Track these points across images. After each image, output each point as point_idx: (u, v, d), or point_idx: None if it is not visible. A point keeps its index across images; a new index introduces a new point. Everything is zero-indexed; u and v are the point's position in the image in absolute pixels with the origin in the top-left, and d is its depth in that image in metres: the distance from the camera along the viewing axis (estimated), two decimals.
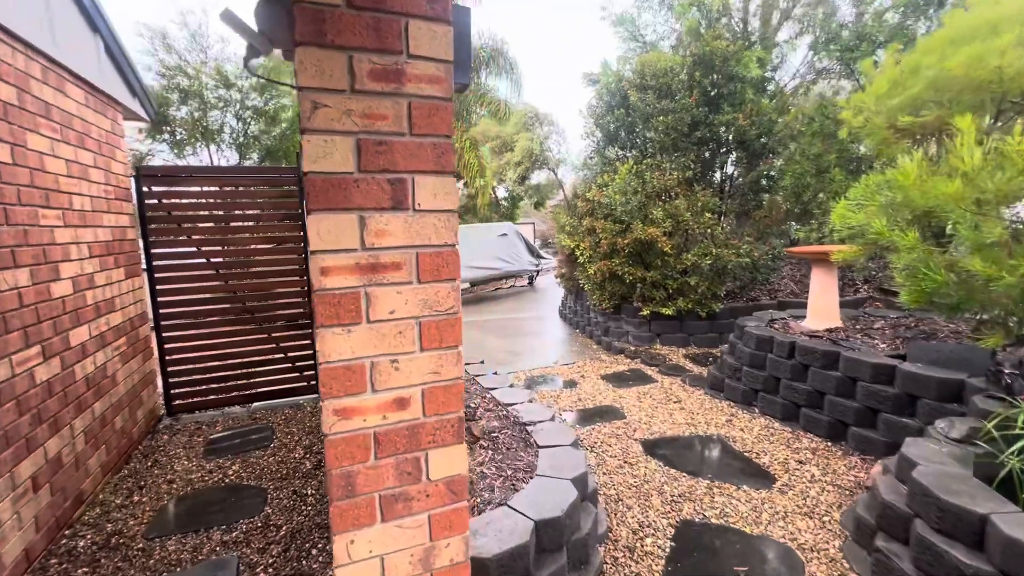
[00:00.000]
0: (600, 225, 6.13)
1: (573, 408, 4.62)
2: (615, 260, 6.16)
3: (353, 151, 1.41)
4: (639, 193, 5.95)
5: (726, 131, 6.15)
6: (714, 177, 7.08)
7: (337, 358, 1.45)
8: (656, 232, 5.69)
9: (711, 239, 6.08)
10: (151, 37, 9.04)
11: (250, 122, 10.42)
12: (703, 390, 4.88)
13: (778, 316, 4.98)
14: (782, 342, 4.13)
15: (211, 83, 9.66)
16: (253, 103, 10.19)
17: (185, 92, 9.16)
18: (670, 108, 6.14)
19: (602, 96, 6.95)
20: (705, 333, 6.23)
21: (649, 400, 4.70)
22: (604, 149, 7.27)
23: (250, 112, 10.17)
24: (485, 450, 2.84)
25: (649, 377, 5.39)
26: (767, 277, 6.41)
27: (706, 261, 5.81)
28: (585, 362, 6.17)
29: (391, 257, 1.48)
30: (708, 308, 6.06)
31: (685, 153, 6.28)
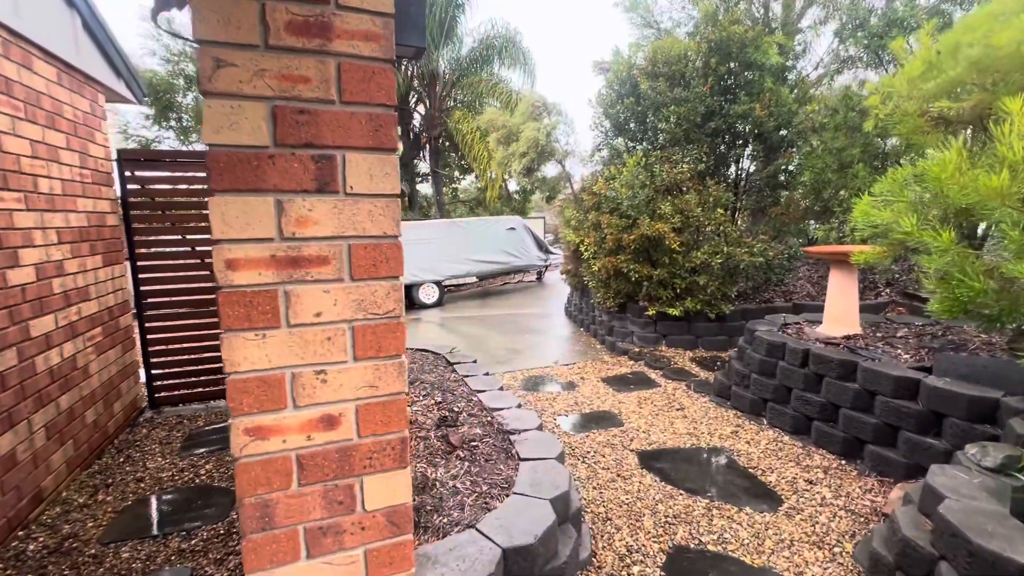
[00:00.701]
0: (606, 220, 5.85)
1: (569, 412, 4.38)
2: (621, 257, 5.87)
3: (267, 120, 1.18)
4: (647, 187, 5.64)
5: (742, 122, 5.80)
6: (728, 171, 6.73)
7: (249, 368, 1.22)
8: (664, 228, 5.39)
9: (723, 237, 5.76)
10: None
11: None
12: (708, 397, 4.59)
13: (792, 320, 4.66)
14: (795, 349, 3.82)
15: None
16: None
17: (190, 78, 9.04)
18: (683, 97, 5.80)
19: (612, 84, 6.63)
20: (714, 336, 5.92)
21: (650, 406, 4.43)
22: (612, 140, 6.95)
23: None
24: (462, 461, 2.62)
25: (652, 381, 5.11)
26: (782, 278, 6.06)
27: (717, 260, 5.49)
28: (586, 363, 5.91)
29: (316, 249, 1.25)
30: (718, 309, 5.75)
31: (698, 145, 5.94)
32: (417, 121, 18.85)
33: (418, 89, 18.06)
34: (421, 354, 4.75)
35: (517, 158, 9.06)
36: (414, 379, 3.93)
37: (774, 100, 5.77)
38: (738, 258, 5.52)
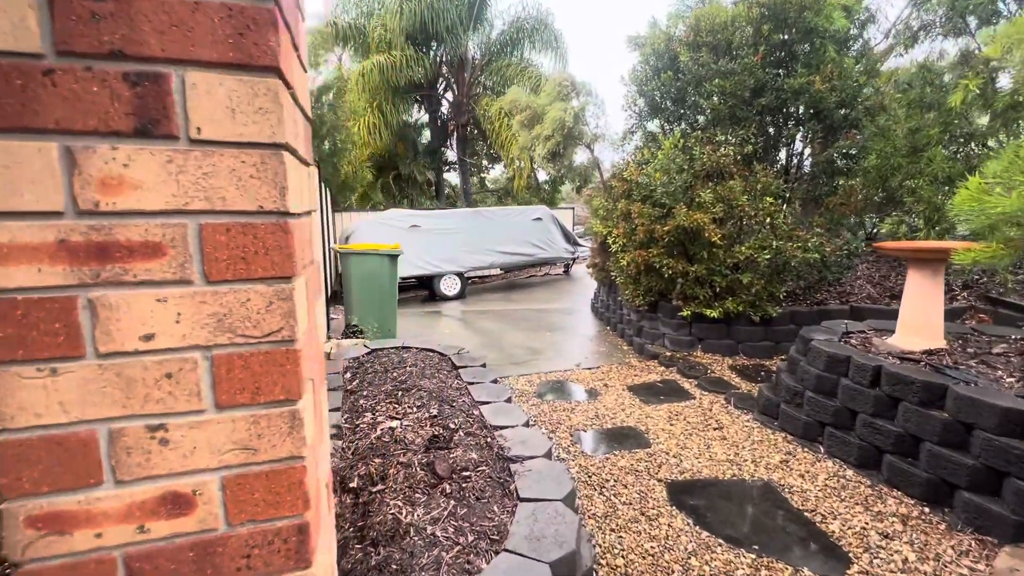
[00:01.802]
0: (636, 209, 5.23)
1: (588, 427, 3.85)
2: (652, 250, 5.26)
3: (39, 7, 0.70)
4: (685, 172, 4.99)
5: (797, 98, 5.05)
6: (779, 155, 5.97)
7: (31, 424, 0.76)
8: (703, 218, 4.75)
9: (771, 229, 5.06)
10: None
11: None
12: (752, 415, 3.98)
13: (855, 328, 3.97)
14: (862, 364, 3.17)
15: None
16: None
17: None
18: (729, 70, 5.10)
19: (647, 59, 5.96)
20: (758, 341, 5.25)
21: (683, 423, 3.85)
22: (647, 121, 6.29)
23: None
24: (447, 498, 2.14)
25: (685, 392, 4.51)
26: (839, 277, 5.32)
27: (763, 255, 4.81)
28: (611, 367, 5.35)
29: (141, 231, 0.77)
30: (763, 311, 5.07)
31: (744, 124, 5.24)
32: (445, 108, 18.44)
33: (446, 76, 17.62)
34: (425, 355, 4.31)
35: (541, 142, 8.46)
36: (410, 386, 3.48)
37: (837, 72, 5.00)
38: (789, 254, 4.82)
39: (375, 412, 3.10)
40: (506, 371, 5.31)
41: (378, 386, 3.54)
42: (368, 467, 2.38)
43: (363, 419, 3.01)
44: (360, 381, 3.67)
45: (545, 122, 8.23)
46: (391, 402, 3.23)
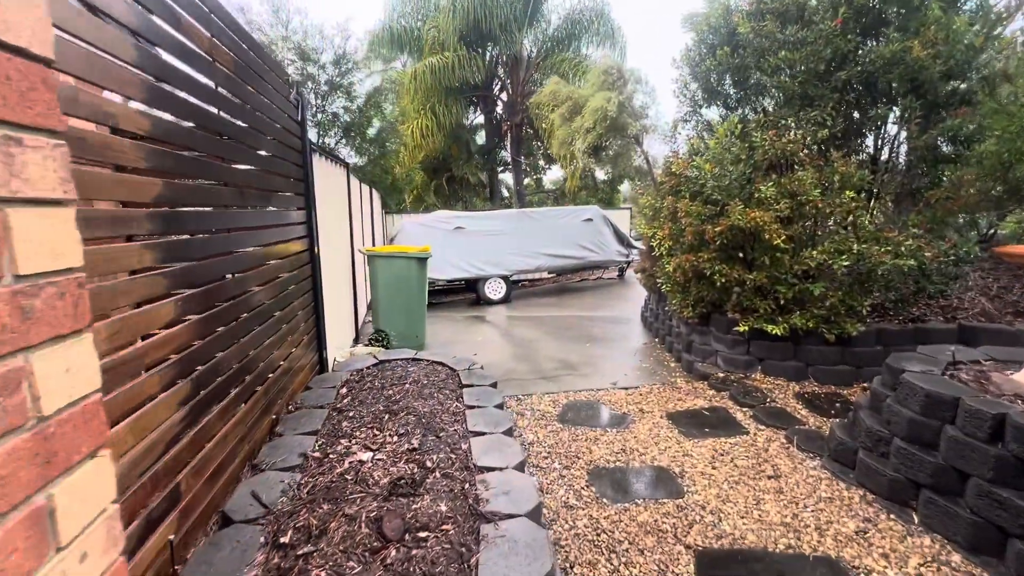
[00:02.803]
0: (684, 206, 4.53)
1: (610, 463, 3.25)
2: (702, 254, 4.53)
3: None
4: (742, 162, 4.23)
5: (889, 69, 4.12)
6: (864, 141, 4.99)
7: None
8: (763, 217, 3.97)
9: (852, 229, 4.18)
10: None
11: (327, 98, 10.15)
12: (820, 460, 3.19)
13: (966, 357, 3.08)
14: (977, 410, 2.35)
15: (289, 58, 9.49)
16: (328, 77, 9.88)
17: None
18: (799, 39, 4.26)
19: (702, 37, 5.21)
20: (833, 364, 4.36)
21: (729, 466, 3.15)
22: (703, 108, 5.52)
23: (324, 87, 9.88)
24: (387, 573, 1.68)
25: (736, 424, 3.77)
26: (942, 289, 4.31)
27: (841, 261, 3.95)
28: (652, 388, 4.67)
29: None
30: (839, 329, 4.19)
31: (819, 104, 4.36)
32: (500, 108, 18.16)
33: (501, 76, 17.34)
34: (433, 368, 3.90)
35: (581, 135, 7.82)
36: (401, 408, 3.07)
37: (943, 36, 4.02)
38: (875, 260, 3.93)
39: (352, 439, 2.72)
40: (531, 387, 4.79)
41: (369, 406, 3.17)
42: (311, 516, 1.98)
43: (337, 447, 2.63)
44: (352, 399, 3.31)
45: (585, 113, 7.59)
46: (374, 427, 2.83)
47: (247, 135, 2.73)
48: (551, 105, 9.67)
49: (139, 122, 1.68)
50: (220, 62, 2.37)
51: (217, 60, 2.34)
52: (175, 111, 1.94)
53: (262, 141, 3.00)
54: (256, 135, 2.89)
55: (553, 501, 2.80)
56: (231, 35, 2.54)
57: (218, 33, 2.36)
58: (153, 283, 1.71)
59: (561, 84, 9.33)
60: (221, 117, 2.39)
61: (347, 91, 10.30)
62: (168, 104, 1.88)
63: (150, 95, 1.74)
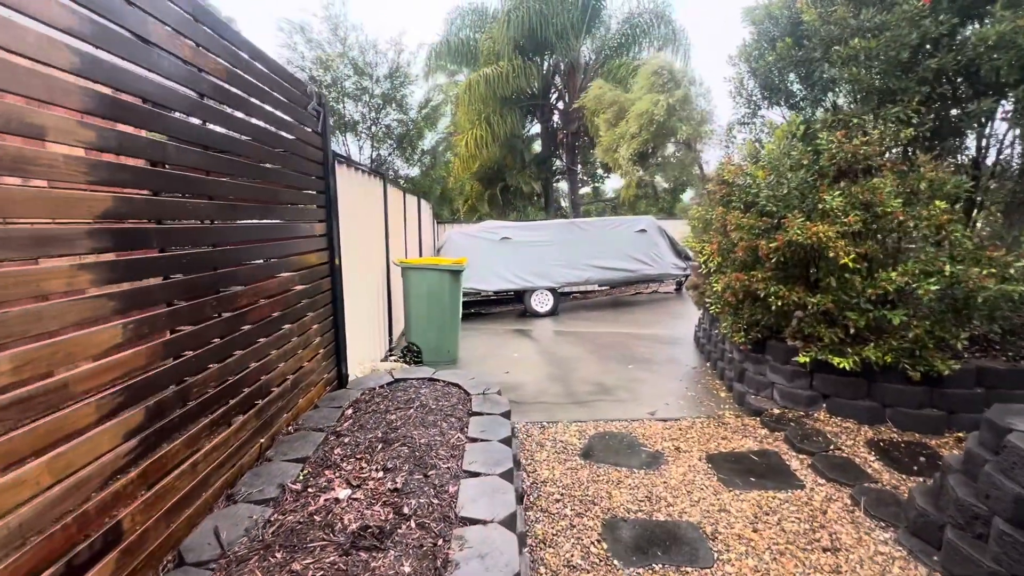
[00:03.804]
0: (734, 219, 4.00)
1: (631, 513, 2.83)
2: (756, 273, 3.98)
3: None
4: (803, 168, 3.65)
5: (993, 54, 3.40)
6: (963, 142, 4.19)
7: None
8: (827, 232, 3.38)
9: (944, 247, 3.48)
10: (290, 31, 9.51)
11: (381, 110, 10.37)
12: (893, 532, 2.60)
13: None
14: None
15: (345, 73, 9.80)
16: (382, 90, 10.10)
17: (319, 83, 9.44)
18: (876, 24, 3.63)
19: (762, 29, 4.64)
20: (917, 408, 3.64)
21: (774, 530, 2.63)
22: (763, 109, 4.93)
23: (378, 99, 10.10)
24: None
25: (790, 475, 3.21)
26: None
27: (928, 285, 3.28)
28: (695, 421, 4.16)
29: None
30: (927, 365, 3.49)
31: (902, 99, 3.69)
32: (556, 117, 17.88)
33: (557, 85, 17.08)
34: (447, 391, 3.66)
35: (626, 140, 7.32)
36: (398, 437, 2.85)
37: None
38: (974, 283, 3.22)
39: (338, 470, 2.52)
40: (560, 414, 4.43)
41: (367, 431, 2.98)
42: (258, 568, 1.78)
43: (320, 479, 2.44)
44: (354, 422, 3.14)
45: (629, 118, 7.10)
46: (363, 458, 2.62)
47: (244, 147, 2.64)
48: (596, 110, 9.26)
49: (79, 134, 1.56)
50: (208, 72, 2.28)
51: (203, 70, 2.24)
52: (139, 123, 1.84)
53: (266, 153, 2.92)
54: (258, 147, 2.81)
55: (555, 558, 2.45)
56: (224, 44, 2.46)
57: (206, 42, 2.27)
58: (89, 306, 1.58)
59: (606, 88, 8.90)
60: (207, 129, 2.29)
61: (400, 104, 10.47)
62: (129, 116, 1.78)
63: (97, 105, 1.63)
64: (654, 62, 7.94)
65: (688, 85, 7.49)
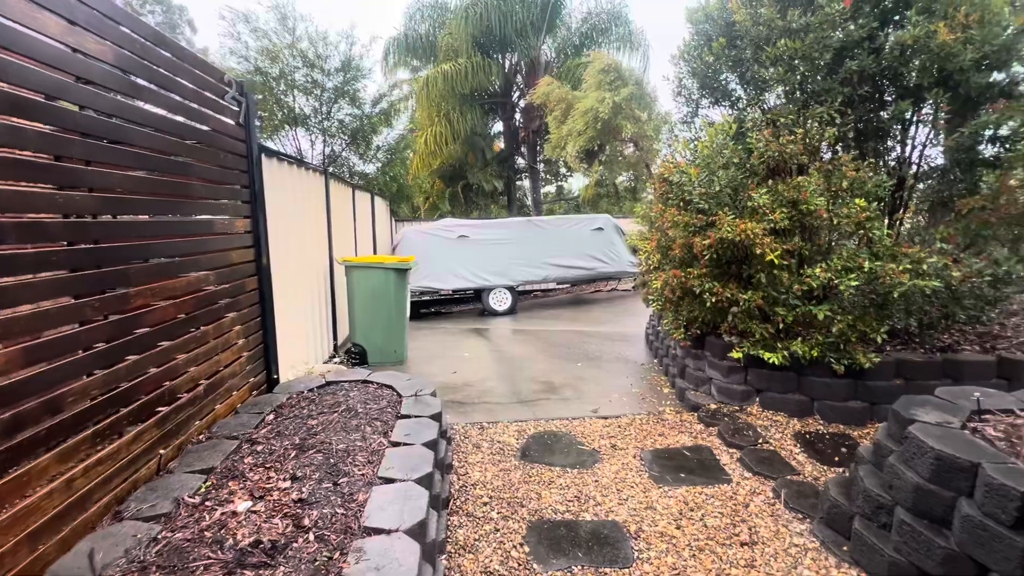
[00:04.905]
0: (669, 216, 4.03)
1: (558, 514, 2.79)
2: (692, 270, 4.02)
3: None
4: (733, 167, 3.71)
5: (911, 58, 3.53)
6: (889, 142, 4.35)
7: None
8: (754, 229, 3.44)
9: (865, 243, 3.60)
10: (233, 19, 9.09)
11: (333, 104, 10.06)
12: (809, 524, 2.65)
13: (996, 404, 2.48)
14: (1000, 486, 1.80)
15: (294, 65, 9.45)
16: (335, 84, 9.79)
17: (265, 75, 9.08)
18: (801, 26, 3.72)
19: (699, 28, 4.71)
20: (842, 400, 3.76)
21: (696, 527, 2.64)
22: (700, 107, 5.00)
23: (330, 93, 9.79)
24: None
25: (719, 469, 3.24)
26: (976, 316, 3.65)
27: (849, 280, 3.38)
28: (635, 418, 4.18)
29: None
30: (850, 359, 3.60)
31: (826, 100, 3.80)
32: (518, 115, 17.84)
33: (519, 83, 17.04)
34: (379, 393, 3.54)
35: (572, 138, 7.34)
36: (316, 443, 2.72)
37: (976, 17, 3.41)
38: (892, 279, 3.33)
39: (244, 481, 2.37)
40: (502, 414, 4.37)
41: (285, 437, 2.83)
42: None
43: (223, 491, 2.29)
44: (273, 428, 2.98)
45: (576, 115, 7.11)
46: (272, 467, 2.48)
47: (141, 137, 2.45)
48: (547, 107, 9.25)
49: None
50: (86, 53, 2.09)
51: (79, 50, 2.06)
52: None
53: (172, 144, 2.73)
54: (162, 137, 2.62)
55: (473, 564, 2.38)
56: (114, 26, 2.27)
57: (84, 21, 2.08)
58: None
59: (554, 84, 8.89)
60: (87, 116, 2.11)
61: (353, 98, 10.19)
62: None
63: None
64: (602, 60, 7.97)
65: (635, 84, 7.55)
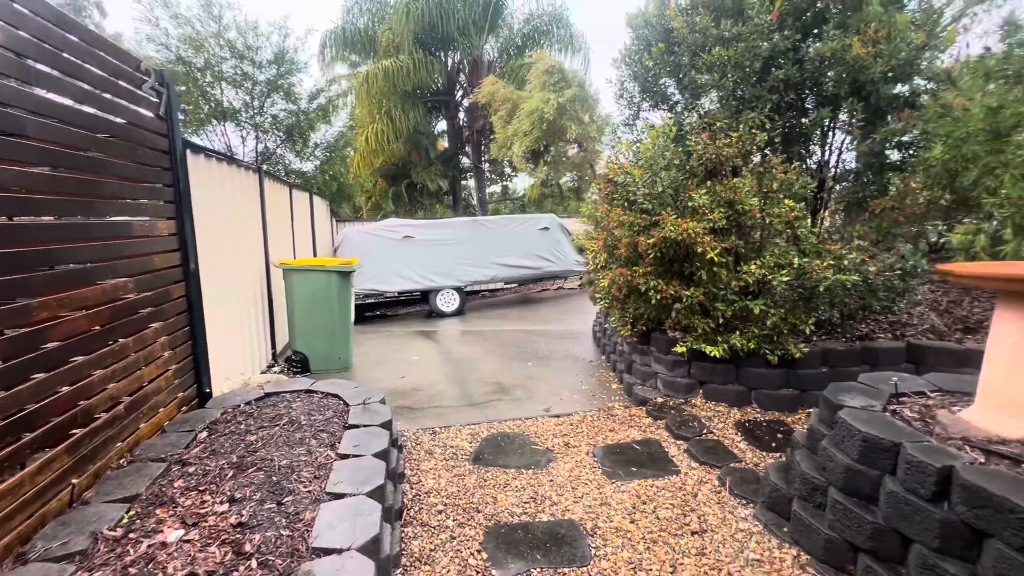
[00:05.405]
0: (616, 216, 4.13)
1: (515, 517, 2.77)
2: (637, 268, 4.13)
3: None
4: (674, 168, 3.85)
5: (828, 69, 3.82)
6: (808, 147, 4.70)
7: None
8: (695, 228, 3.59)
9: (794, 241, 3.84)
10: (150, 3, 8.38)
11: (266, 99, 9.52)
12: (753, 508, 2.79)
13: (911, 387, 2.72)
14: (920, 463, 1.97)
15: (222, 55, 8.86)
16: (267, 77, 9.27)
17: (189, 65, 8.44)
18: (733, 34, 3.93)
19: (640, 34, 4.87)
20: (776, 389, 4.00)
21: (650, 519, 2.71)
22: (646, 111, 5.17)
23: (263, 86, 9.26)
24: None
25: (668, 461, 3.35)
26: (888, 306, 4.01)
27: (782, 276, 3.60)
28: (586, 415, 4.24)
29: None
30: (783, 350, 3.84)
31: (757, 106, 4.04)
32: (462, 114, 17.72)
33: (462, 82, 16.92)
34: (324, 403, 3.36)
35: (519, 138, 7.42)
36: (256, 460, 2.54)
37: (884, 34, 3.75)
38: (817, 274, 3.59)
39: (175, 507, 2.17)
40: (454, 417, 4.30)
41: (221, 456, 2.62)
42: None
43: (149, 521, 2.08)
44: (207, 447, 2.76)
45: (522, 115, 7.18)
46: (207, 489, 2.29)
47: (38, 129, 2.18)
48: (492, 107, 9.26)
49: None
50: None
51: None
52: None
53: (79, 137, 2.45)
54: (65, 130, 2.35)
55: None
56: (5, 3, 2.00)
57: None
58: None
59: (499, 84, 8.92)
60: None
61: (288, 92, 9.69)
62: None
63: None
64: (545, 61, 8.07)
65: (579, 85, 7.70)
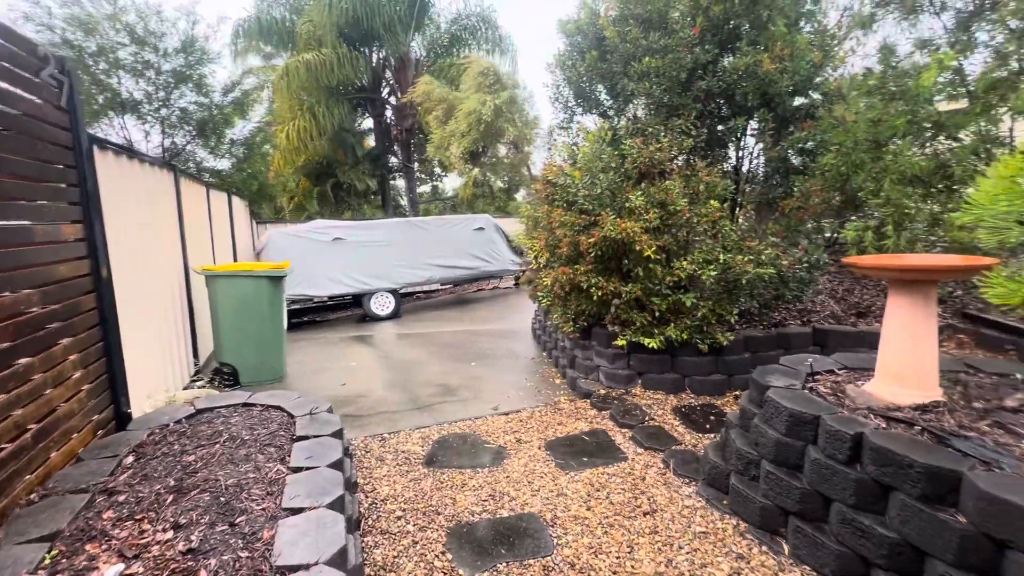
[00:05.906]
0: (558, 217, 4.27)
1: (476, 515, 2.80)
2: (579, 267, 4.30)
3: None
4: (612, 171, 4.06)
5: (745, 82, 4.22)
6: (727, 152, 5.15)
7: None
8: (633, 227, 3.81)
9: (719, 239, 4.19)
10: None
11: (172, 90, 8.71)
12: (696, 485, 3.02)
13: (823, 366, 3.08)
14: (836, 431, 2.25)
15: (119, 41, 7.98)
16: (173, 67, 8.49)
17: (79, 50, 7.53)
18: (661, 46, 4.23)
19: (573, 41, 5.07)
20: (707, 375, 4.34)
21: (604, 505, 2.85)
22: (579, 115, 5.38)
23: (168, 77, 8.47)
24: None
25: (616, 449, 3.53)
26: (798, 295, 4.50)
27: (709, 271, 3.91)
28: (534, 411, 4.34)
29: None
30: (711, 339, 4.17)
31: (683, 113, 4.37)
32: (389, 112, 17.28)
33: (388, 79, 16.51)
34: (266, 416, 3.18)
35: (457, 139, 7.46)
36: (199, 481, 2.36)
37: (788, 51, 4.21)
38: (740, 269, 3.94)
39: (107, 540, 1.97)
40: (402, 422, 4.23)
41: (155, 481, 2.41)
42: None
43: (78, 559, 1.87)
44: (136, 472, 2.51)
45: (460, 117, 7.20)
46: (144, 517, 2.10)
47: None
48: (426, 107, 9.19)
49: None
50: None
51: None
52: None
53: None
54: None
55: None
56: None
57: None
58: None
59: (435, 84, 8.86)
60: None
61: (198, 84, 8.94)
62: None
63: None
64: (480, 63, 8.12)
65: (513, 88, 7.83)
